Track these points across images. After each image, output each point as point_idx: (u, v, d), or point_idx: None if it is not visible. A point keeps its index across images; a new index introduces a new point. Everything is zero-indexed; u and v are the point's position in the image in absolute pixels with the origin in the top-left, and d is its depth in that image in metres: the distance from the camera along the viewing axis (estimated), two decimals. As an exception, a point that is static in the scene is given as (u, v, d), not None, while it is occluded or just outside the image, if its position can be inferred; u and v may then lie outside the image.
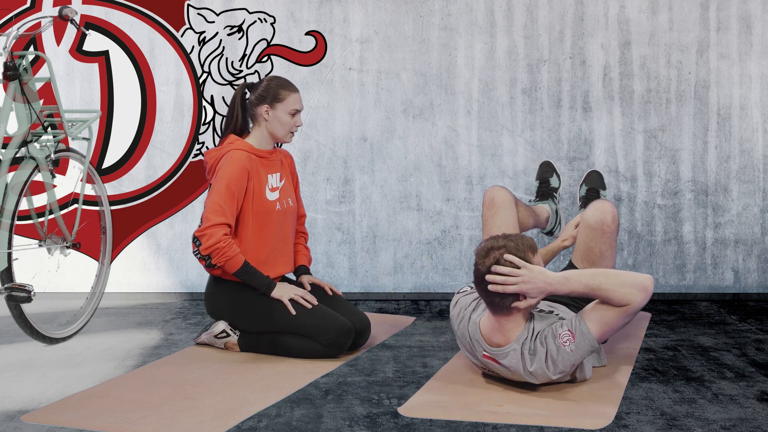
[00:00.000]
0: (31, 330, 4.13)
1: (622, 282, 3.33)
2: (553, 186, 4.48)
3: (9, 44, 4.17)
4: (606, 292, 3.32)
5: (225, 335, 4.11)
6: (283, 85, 4.10)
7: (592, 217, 3.90)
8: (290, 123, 4.10)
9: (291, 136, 4.14)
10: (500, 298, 3.34)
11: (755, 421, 3.14)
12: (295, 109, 4.09)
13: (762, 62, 5.23)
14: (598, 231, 3.88)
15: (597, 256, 3.90)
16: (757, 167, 5.25)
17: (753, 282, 5.28)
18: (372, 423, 3.14)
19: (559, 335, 3.35)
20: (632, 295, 3.31)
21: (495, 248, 3.36)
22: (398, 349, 4.13)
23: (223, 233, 3.92)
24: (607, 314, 3.35)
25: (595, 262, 3.91)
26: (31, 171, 4.17)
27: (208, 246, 3.92)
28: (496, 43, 5.26)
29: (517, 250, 3.35)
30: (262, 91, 4.09)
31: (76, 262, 5.19)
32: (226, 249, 3.92)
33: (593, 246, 3.90)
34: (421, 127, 5.28)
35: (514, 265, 3.32)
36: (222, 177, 3.97)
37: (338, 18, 5.25)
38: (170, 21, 5.24)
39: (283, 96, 4.08)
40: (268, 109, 4.07)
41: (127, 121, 5.27)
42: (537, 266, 3.35)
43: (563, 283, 3.35)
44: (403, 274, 5.31)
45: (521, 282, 3.31)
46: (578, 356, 3.37)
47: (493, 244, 3.38)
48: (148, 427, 3.11)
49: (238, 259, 3.94)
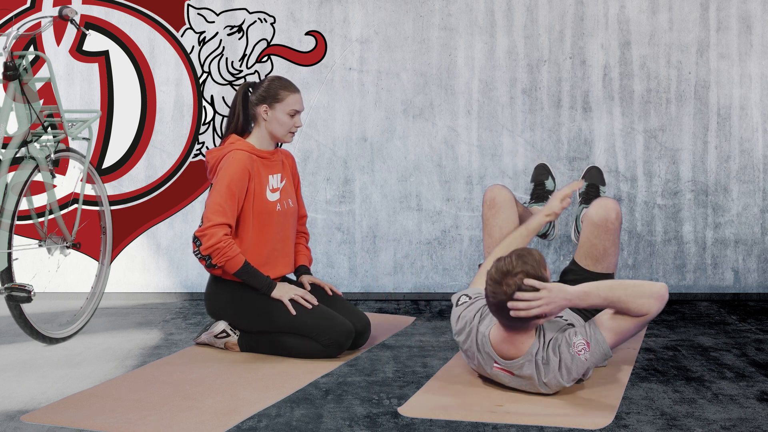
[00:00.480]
0: (31, 330, 4.13)
1: (640, 293, 3.35)
2: (548, 188, 4.48)
3: (9, 44, 4.17)
4: (625, 304, 3.34)
5: (225, 335, 4.11)
6: (283, 86, 4.10)
7: (596, 214, 3.90)
8: (289, 123, 4.09)
9: (291, 136, 4.13)
10: (521, 321, 3.33)
11: (755, 421, 3.14)
12: (294, 109, 4.09)
13: (762, 62, 5.23)
14: (602, 228, 3.89)
15: (601, 253, 3.91)
16: (757, 167, 5.25)
17: (753, 282, 5.28)
18: (372, 423, 3.14)
19: (573, 344, 3.35)
20: (650, 305, 3.34)
21: (512, 273, 3.30)
22: (398, 349, 4.13)
23: (223, 233, 3.92)
24: (624, 323, 3.37)
25: (599, 259, 3.92)
26: (31, 171, 4.17)
27: (209, 246, 3.92)
28: (496, 43, 5.26)
29: (534, 271, 3.31)
30: (262, 91, 4.09)
31: (76, 262, 5.19)
32: (226, 249, 3.92)
33: (597, 243, 3.91)
34: (421, 127, 5.28)
35: (534, 288, 3.30)
36: (223, 177, 3.97)
37: (338, 18, 5.25)
38: (170, 21, 5.24)
39: (283, 96, 4.07)
40: (267, 109, 4.07)
41: (127, 121, 5.27)
42: (555, 284, 3.32)
43: (583, 297, 3.35)
44: (403, 274, 5.31)
45: (544, 304, 3.28)
46: (591, 364, 3.38)
47: (508, 268, 3.31)
48: (148, 427, 3.11)
49: (238, 260, 3.94)
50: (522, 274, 3.28)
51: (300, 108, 4.11)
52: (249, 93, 4.13)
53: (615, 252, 3.97)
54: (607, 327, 3.37)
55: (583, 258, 3.96)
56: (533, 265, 3.30)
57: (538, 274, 3.30)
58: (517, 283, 3.28)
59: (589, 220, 3.93)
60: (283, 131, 4.10)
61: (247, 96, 4.12)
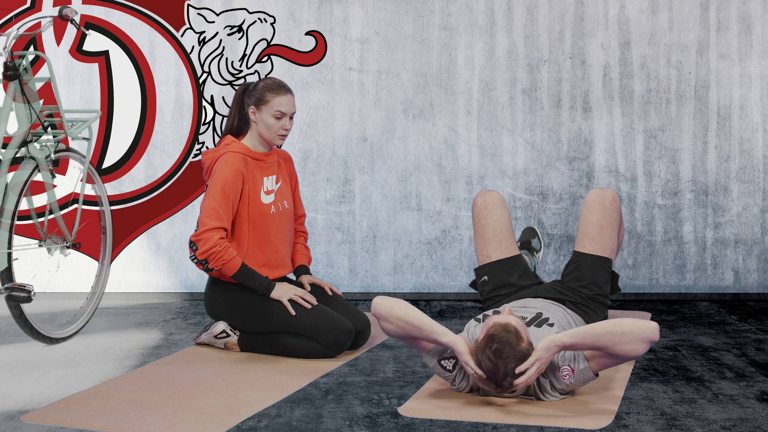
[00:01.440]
0: (31, 330, 4.13)
1: (628, 340, 3.21)
2: (533, 247, 4.54)
3: (9, 44, 4.17)
4: (612, 350, 3.24)
5: (225, 335, 4.11)
6: (269, 87, 4.04)
7: (590, 196, 4.08)
8: (276, 126, 4.03)
9: (280, 139, 4.07)
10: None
11: (755, 421, 3.14)
12: (279, 111, 4.01)
13: (762, 62, 5.23)
14: (598, 205, 4.03)
15: (597, 231, 4.01)
16: (757, 167, 5.25)
17: (753, 282, 5.28)
18: (372, 423, 3.14)
19: (559, 369, 3.34)
20: (636, 350, 3.24)
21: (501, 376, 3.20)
22: (398, 349, 4.13)
23: (218, 237, 3.91)
24: (610, 361, 3.31)
25: (595, 238, 4.01)
26: (31, 171, 4.17)
27: (205, 251, 3.91)
28: (496, 43, 5.26)
29: (519, 353, 3.21)
30: (252, 91, 4.06)
31: (76, 262, 5.19)
32: (222, 253, 3.91)
33: (593, 220, 4.02)
34: (421, 127, 5.28)
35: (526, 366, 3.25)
36: (217, 180, 3.96)
37: (338, 18, 5.25)
38: (170, 21, 5.24)
39: (268, 98, 4.02)
40: (255, 111, 4.05)
41: (127, 121, 5.27)
42: (541, 342, 3.24)
43: (572, 344, 3.25)
44: (403, 274, 5.31)
45: (540, 369, 3.24)
46: (576, 386, 3.37)
47: (495, 375, 3.21)
48: (148, 427, 3.11)
49: (235, 262, 3.93)
50: (510, 370, 3.21)
51: (287, 110, 4.03)
52: (245, 93, 4.11)
53: (611, 235, 4.04)
54: (593, 362, 3.33)
55: (579, 240, 4.06)
56: (513, 354, 3.21)
57: (522, 354, 3.22)
58: (510, 381, 3.23)
59: (585, 204, 4.10)
60: (270, 134, 4.05)
61: (243, 96, 4.10)
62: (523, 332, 3.27)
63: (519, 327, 3.27)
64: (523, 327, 3.30)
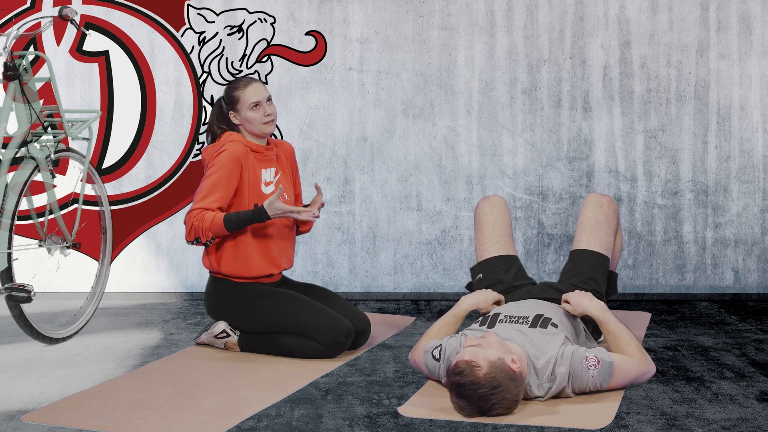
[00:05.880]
0: (31, 330, 4.13)
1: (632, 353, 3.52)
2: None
3: (9, 44, 4.17)
4: (617, 351, 3.52)
5: (225, 335, 4.11)
6: (233, 87, 4.10)
7: (588, 197, 4.24)
8: (258, 117, 4.07)
9: (268, 126, 4.09)
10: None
11: (755, 421, 3.14)
12: (252, 102, 4.05)
13: (762, 62, 5.23)
14: (596, 204, 4.16)
15: (593, 225, 4.12)
16: (757, 167, 5.25)
17: (753, 282, 5.28)
18: (372, 423, 3.14)
19: (587, 357, 3.36)
20: (644, 363, 3.51)
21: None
22: (398, 349, 4.13)
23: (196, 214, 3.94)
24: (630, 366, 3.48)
25: (592, 232, 4.12)
26: (31, 171, 4.17)
27: (188, 231, 3.96)
28: (496, 43, 5.26)
29: (513, 396, 3.19)
30: (224, 100, 4.12)
31: (76, 262, 5.19)
32: (200, 223, 3.91)
33: (591, 216, 4.14)
34: (421, 127, 5.28)
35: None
36: (212, 165, 4.00)
37: (338, 18, 5.25)
38: (170, 21, 5.24)
39: (237, 96, 4.07)
40: (234, 114, 4.09)
41: (127, 121, 5.27)
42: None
43: (606, 316, 3.61)
44: (403, 274, 5.31)
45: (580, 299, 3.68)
46: (593, 384, 3.37)
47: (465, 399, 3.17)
48: (148, 427, 3.11)
49: (216, 221, 3.91)
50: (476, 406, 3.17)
51: (259, 98, 4.05)
52: (221, 108, 4.14)
53: (608, 231, 4.12)
54: (616, 357, 3.46)
55: (576, 238, 4.17)
56: (506, 390, 3.16)
57: (515, 392, 3.19)
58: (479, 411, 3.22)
59: (582, 204, 4.22)
60: (256, 126, 4.08)
61: (221, 110, 4.13)
62: (517, 347, 3.33)
63: (508, 346, 3.29)
64: (512, 349, 3.29)
